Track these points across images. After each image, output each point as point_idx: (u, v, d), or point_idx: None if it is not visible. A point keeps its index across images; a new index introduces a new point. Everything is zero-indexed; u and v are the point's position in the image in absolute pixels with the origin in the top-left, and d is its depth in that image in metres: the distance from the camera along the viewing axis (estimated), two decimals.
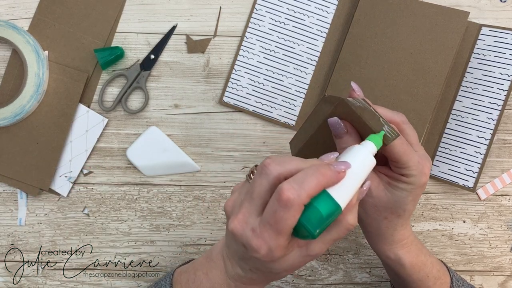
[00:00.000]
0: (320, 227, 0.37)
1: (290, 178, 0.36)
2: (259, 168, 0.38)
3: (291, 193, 0.35)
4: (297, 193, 0.35)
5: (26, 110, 0.62)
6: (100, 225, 0.64)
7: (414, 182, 0.45)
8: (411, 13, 0.60)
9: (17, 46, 0.62)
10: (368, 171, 0.40)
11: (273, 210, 0.36)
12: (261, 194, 0.37)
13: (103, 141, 0.64)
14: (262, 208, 0.37)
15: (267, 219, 0.36)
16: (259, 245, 0.37)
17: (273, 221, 0.36)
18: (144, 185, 0.64)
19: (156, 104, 0.64)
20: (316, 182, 0.36)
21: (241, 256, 0.40)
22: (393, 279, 0.56)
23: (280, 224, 0.36)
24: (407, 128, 0.47)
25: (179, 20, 0.65)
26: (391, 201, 0.46)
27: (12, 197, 0.64)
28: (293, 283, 0.63)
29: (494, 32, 0.61)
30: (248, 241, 0.37)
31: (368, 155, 0.40)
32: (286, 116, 0.64)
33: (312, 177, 0.36)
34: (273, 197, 0.36)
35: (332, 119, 0.45)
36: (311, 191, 0.36)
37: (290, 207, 0.35)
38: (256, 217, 0.37)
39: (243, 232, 0.37)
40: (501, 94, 0.60)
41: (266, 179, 0.37)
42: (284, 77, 0.64)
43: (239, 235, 0.38)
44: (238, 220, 0.38)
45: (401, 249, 0.49)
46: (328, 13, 0.63)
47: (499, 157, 0.63)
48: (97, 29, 0.64)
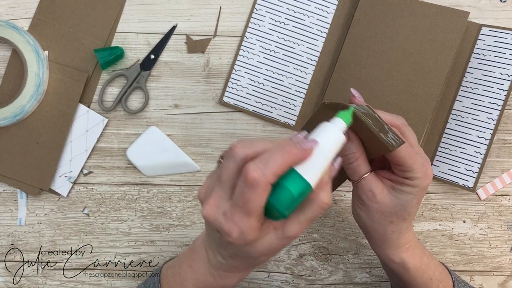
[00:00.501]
0: (290, 206, 0.36)
1: (256, 159, 0.36)
2: (226, 152, 0.38)
3: (256, 173, 0.34)
4: (262, 172, 0.35)
5: (26, 110, 0.62)
6: (100, 225, 0.64)
7: (419, 185, 0.45)
8: (411, 13, 0.60)
9: (17, 46, 0.62)
10: (337, 148, 0.40)
11: (241, 192, 0.35)
12: (230, 177, 0.37)
13: (103, 141, 0.64)
14: (232, 191, 0.37)
15: (236, 201, 0.36)
16: (231, 229, 0.37)
17: (242, 203, 0.35)
18: (144, 185, 0.64)
19: (156, 104, 0.64)
20: (281, 160, 0.35)
21: (219, 243, 0.40)
22: (395, 282, 0.56)
23: (249, 205, 0.35)
24: (407, 130, 0.47)
25: (179, 20, 0.65)
26: (397, 205, 0.46)
27: (12, 197, 0.64)
28: (293, 283, 0.63)
29: (494, 32, 0.61)
30: (220, 225, 0.37)
31: (337, 131, 0.40)
32: (286, 116, 0.64)
33: (278, 155, 0.35)
34: (240, 179, 0.36)
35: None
36: (277, 169, 0.35)
37: (256, 187, 0.35)
38: (227, 201, 0.37)
39: (215, 217, 0.37)
40: (501, 94, 0.60)
41: (233, 162, 0.37)
42: (284, 77, 0.64)
43: (211, 220, 0.37)
44: (210, 206, 0.38)
45: (405, 252, 0.49)
46: (328, 13, 0.63)
47: (499, 157, 0.63)
48: (97, 29, 0.64)
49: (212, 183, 0.39)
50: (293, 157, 0.36)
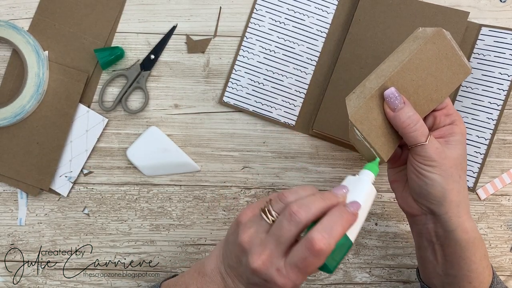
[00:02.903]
0: (337, 263, 0.41)
1: (319, 226, 0.39)
2: (286, 214, 0.40)
3: (323, 244, 0.38)
4: (328, 243, 0.38)
5: (26, 110, 0.62)
6: (100, 225, 0.64)
7: (462, 130, 0.48)
8: (411, 13, 0.60)
9: (17, 46, 0.62)
10: (371, 202, 0.43)
11: (303, 257, 0.39)
12: (290, 239, 0.40)
13: (103, 141, 0.64)
14: (287, 250, 0.40)
15: (296, 263, 0.39)
16: (285, 283, 0.40)
17: (303, 266, 0.39)
18: (144, 185, 0.64)
19: (156, 104, 0.64)
20: (341, 229, 0.39)
21: (255, 283, 0.42)
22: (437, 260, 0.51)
23: (309, 268, 0.39)
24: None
25: (179, 20, 0.65)
26: (458, 156, 0.47)
27: (12, 197, 0.64)
28: None
29: (493, 32, 0.61)
30: (272, 278, 0.40)
31: (370, 185, 0.43)
32: (286, 116, 0.64)
33: (338, 224, 0.39)
34: (303, 245, 0.39)
35: (388, 90, 0.45)
36: (339, 237, 0.39)
37: (321, 256, 0.39)
38: (281, 258, 0.40)
39: (267, 271, 0.40)
40: (501, 94, 0.60)
41: (296, 227, 0.40)
42: (284, 77, 0.64)
43: (263, 273, 0.40)
44: (263, 261, 0.40)
45: (469, 217, 0.48)
46: (328, 13, 0.63)
47: (499, 157, 0.63)
48: (97, 29, 0.64)
49: (258, 235, 0.41)
50: (350, 224, 0.40)
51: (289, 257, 0.40)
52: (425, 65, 0.45)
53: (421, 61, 0.45)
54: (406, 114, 0.45)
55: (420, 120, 0.46)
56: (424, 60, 0.45)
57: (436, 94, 0.46)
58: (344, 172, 0.64)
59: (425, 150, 0.46)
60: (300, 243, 0.39)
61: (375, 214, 0.63)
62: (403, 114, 0.45)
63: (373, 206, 0.63)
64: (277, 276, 0.40)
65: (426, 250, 0.51)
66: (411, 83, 0.46)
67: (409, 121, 0.45)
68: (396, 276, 0.63)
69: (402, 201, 0.52)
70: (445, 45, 0.45)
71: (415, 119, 0.45)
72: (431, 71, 0.45)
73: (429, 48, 0.45)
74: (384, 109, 0.46)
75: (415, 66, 0.45)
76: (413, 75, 0.45)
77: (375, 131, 0.46)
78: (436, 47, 0.45)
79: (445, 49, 0.45)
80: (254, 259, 0.40)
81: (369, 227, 0.63)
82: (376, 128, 0.46)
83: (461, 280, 0.49)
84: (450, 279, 0.50)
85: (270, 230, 0.41)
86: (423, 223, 0.50)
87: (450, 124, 0.48)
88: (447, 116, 0.48)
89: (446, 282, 0.50)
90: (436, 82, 0.46)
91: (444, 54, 0.45)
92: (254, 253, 0.41)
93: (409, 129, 0.45)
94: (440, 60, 0.45)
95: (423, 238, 0.51)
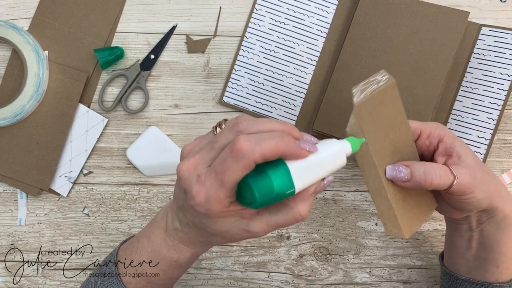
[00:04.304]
0: (266, 198, 0.35)
1: (251, 134, 0.35)
2: (230, 123, 0.37)
3: (245, 145, 0.34)
4: (251, 147, 0.34)
5: (26, 110, 0.62)
6: (100, 225, 0.64)
7: (455, 143, 0.45)
8: (411, 13, 0.60)
9: (17, 46, 0.62)
10: (335, 166, 0.39)
11: (223, 158, 0.35)
12: (223, 146, 0.36)
13: (103, 141, 0.64)
14: None
15: (215, 167, 0.35)
16: (198, 191, 0.36)
17: (220, 170, 0.35)
18: (144, 185, 0.64)
19: (156, 104, 0.64)
20: (274, 145, 0.34)
21: (181, 205, 0.39)
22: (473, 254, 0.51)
23: (226, 174, 0.34)
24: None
25: (179, 20, 0.65)
26: (475, 169, 0.45)
27: (12, 197, 0.64)
28: (293, 283, 0.63)
29: (494, 32, 0.61)
30: (190, 185, 0.36)
31: (340, 151, 0.39)
32: (286, 116, 0.64)
33: (272, 139, 0.35)
34: (227, 147, 0.35)
35: (388, 173, 0.43)
36: (267, 151, 0.34)
37: (240, 158, 0.34)
38: (207, 166, 0.36)
39: (188, 175, 0.37)
40: (501, 94, 0.60)
41: (234, 135, 0.36)
42: (284, 77, 0.64)
43: (184, 178, 0.37)
44: (188, 164, 0.37)
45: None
46: (328, 13, 0.63)
47: (499, 157, 0.63)
48: (97, 29, 0.64)
49: (200, 145, 0.39)
50: (287, 149, 0.35)
51: (213, 162, 0.36)
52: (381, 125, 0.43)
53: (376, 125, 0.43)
54: (419, 173, 0.43)
55: (432, 164, 0.43)
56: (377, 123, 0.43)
57: (402, 131, 0.45)
58: (344, 172, 0.64)
59: (459, 182, 0.43)
60: (226, 147, 0.35)
61: (375, 214, 0.63)
62: (417, 175, 0.43)
63: (373, 206, 0.63)
64: (195, 182, 0.36)
65: (461, 237, 0.50)
66: (386, 146, 0.44)
67: (426, 176, 0.43)
68: (396, 276, 0.63)
69: (441, 210, 0.50)
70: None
71: (428, 169, 0.43)
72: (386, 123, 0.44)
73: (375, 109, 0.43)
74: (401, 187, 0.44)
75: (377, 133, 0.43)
76: (381, 142, 0.43)
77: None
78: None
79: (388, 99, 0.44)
80: (182, 163, 0.37)
81: (369, 227, 0.63)
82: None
83: (489, 263, 0.48)
84: (478, 263, 0.49)
85: (210, 140, 0.38)
86: (464, 217, 0.49)
87: (440, 141, 0.46)
88: (428, 139, 0.46)
89: (473, 266, 0.50)
90: (393, 124, 0.44)
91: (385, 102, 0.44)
92: (185, 158, 0.38)
93: (435, 181, 0.43)
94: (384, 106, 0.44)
95: (463, 228, 0.49)
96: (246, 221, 0.38)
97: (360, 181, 0.64)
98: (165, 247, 0.44)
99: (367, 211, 0.63)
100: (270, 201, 0.36)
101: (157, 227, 0.45)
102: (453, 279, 0.52)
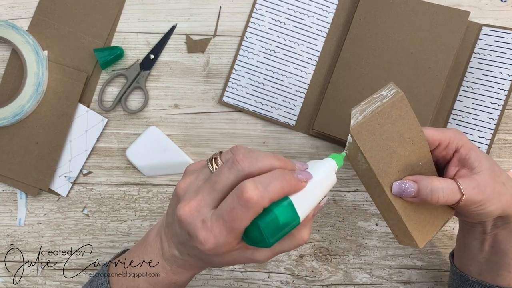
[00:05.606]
0: (276, 236, 0.36)
1: (256, 177, 0.35)
2: (229, 162, 0.36)
3: (255, 194, 0.33)
4: (261, 195, 0.34)
5: (26, 110, 0.62)
6: (100, 225, 0.64)
7: (468, 151, 0.45)
8: (411, 13, 0.59)
9: (16, 46, 0.62)
10: (329, 187, 0.40)
11: (231, 207, 0.34)
12: (225, 188, 0.36)
13: (102, 141, 0.64)
14: (220, 201, 0.36)
15: (222, 215, 0.35)
16: (207, 239, 0.35)
17: (229, 218, 0.34)
18: (144, 185, 0.64)
19: (156, 104, 0.64)
20: (279, 188, 0.35)
21: (182, 241, 0.39)
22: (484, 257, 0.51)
23: (235, 222, 0.34)
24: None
25: (179, 20, 0.65)
26: (484, 177, 0.44)
27: (11, 197, 0.64)
28: (293, 284, 0.63)
29: (494, 32, 0.61)
30: (195, 231, 0.36)
31: (330, 171, 0.40)
32: (286, 116, 0.63)
33: (277, 181, 0.35)
34: (233, 193, 0.35)
35: (394, 190, 0.43)
36: (274, 196, 0.34)
37: (250, 208, 0.34)
38: (210, 209, 0.36)
39: (192, 220, 0.36)
40: (502, 94, 0.60)
41: (235, 175, 0.36)
42: (284, 77, 0.63)
43: (187, 223, 0.36)
44: (190, 207, 0.36)
45: None
46: (328, 13, 0.63)
47: (499, 157, 0.63)
48: (97, 29, 0.64)
49: (196, 183, 0.38)
50: (291, 187, 0.36)
51: (218, 208, 0.35)
52: (389, 139, 0.43)
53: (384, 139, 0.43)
54: (426, 190, 0.43)
55: (440, 180, 0.43)
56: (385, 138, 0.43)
57: (415, 145, 0.44)
58: (344, 172, 0.64)
59: (467, 199, 0.43)
60: (231, 193, 0.35)
61: (375, 214, 0.63)
62: (424, 192, 0.43)
63: (373, 206, 0.63)
64: (201, 228, 0.35)
65: (475, 239, 0.50)
66: (394, 163, 0.43)
67: (433, 194, 0.43)
68: (396, 276, 0.63)
69: (457, 215, 0.50)
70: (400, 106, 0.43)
71: (436, 186, 0.43)
72: (396, 135, 0.43)
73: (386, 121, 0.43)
74: (408, 201, 0.44)
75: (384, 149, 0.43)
76: (387, 160, 0.43)
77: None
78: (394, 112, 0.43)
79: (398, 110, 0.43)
80: (181, 205, 0.36)
81: (369, 228, 0.63)
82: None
83: (501, 268, 0.48)
84: (490, 266, 0.49)
85: (208, 177, 0.37)
86: (478, 223, 0.49)
87: (456, 151, 0.45)
88: (445, 150, 0.46)
89: (485, 269, 0.49)
90: (403, 140, 0.44)
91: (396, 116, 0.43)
92: (184, 199, 0.37)
93: (441, 199, 0.43)
94: (395, 121, 0.43)
95: (476, 230, 0.49)
96: (251, 251, 0.38)
97: (360, 181, 0.64)
98: (163, 271, 0.43)
99: (368, 211, 0.63)
100: (279, 238, 0.37)
101: (151, 251, 0.44)
102: (464, 280, 0.52)
